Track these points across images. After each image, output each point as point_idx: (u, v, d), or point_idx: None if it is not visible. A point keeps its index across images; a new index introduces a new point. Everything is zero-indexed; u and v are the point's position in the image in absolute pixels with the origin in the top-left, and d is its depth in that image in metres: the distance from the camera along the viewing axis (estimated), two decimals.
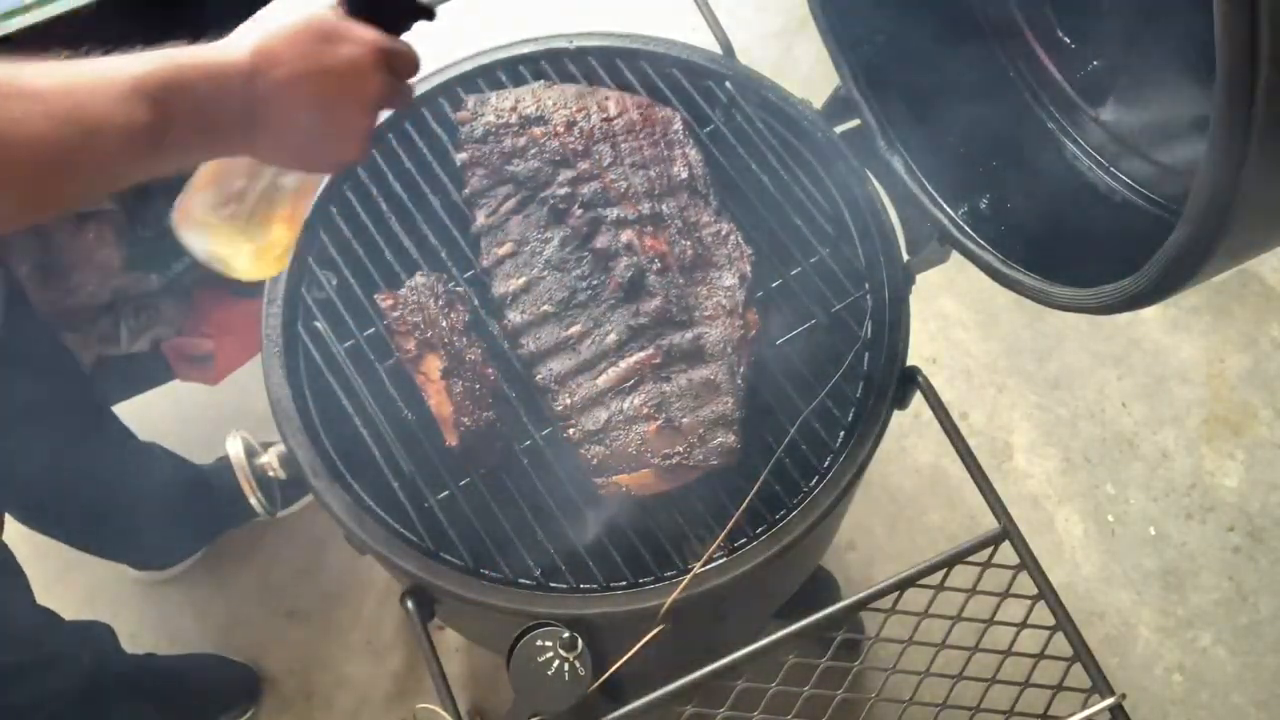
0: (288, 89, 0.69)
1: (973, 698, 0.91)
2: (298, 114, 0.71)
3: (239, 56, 0.68)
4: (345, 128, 0.74)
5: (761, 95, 1.16)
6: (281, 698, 1.75)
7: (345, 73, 0.72)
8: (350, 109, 0.73)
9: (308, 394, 1.01)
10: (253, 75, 0.68)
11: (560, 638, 0.87)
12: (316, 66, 0.70)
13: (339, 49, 0.71)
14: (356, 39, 0.72)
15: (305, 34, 0.70)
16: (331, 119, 0.73)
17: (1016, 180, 1.03)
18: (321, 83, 0.71)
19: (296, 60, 0.69)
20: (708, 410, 0.97)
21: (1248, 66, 0.54)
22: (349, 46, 0.72)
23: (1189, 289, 0.70)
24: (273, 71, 0.69)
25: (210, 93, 0.67)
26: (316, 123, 0.72)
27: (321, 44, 0.71)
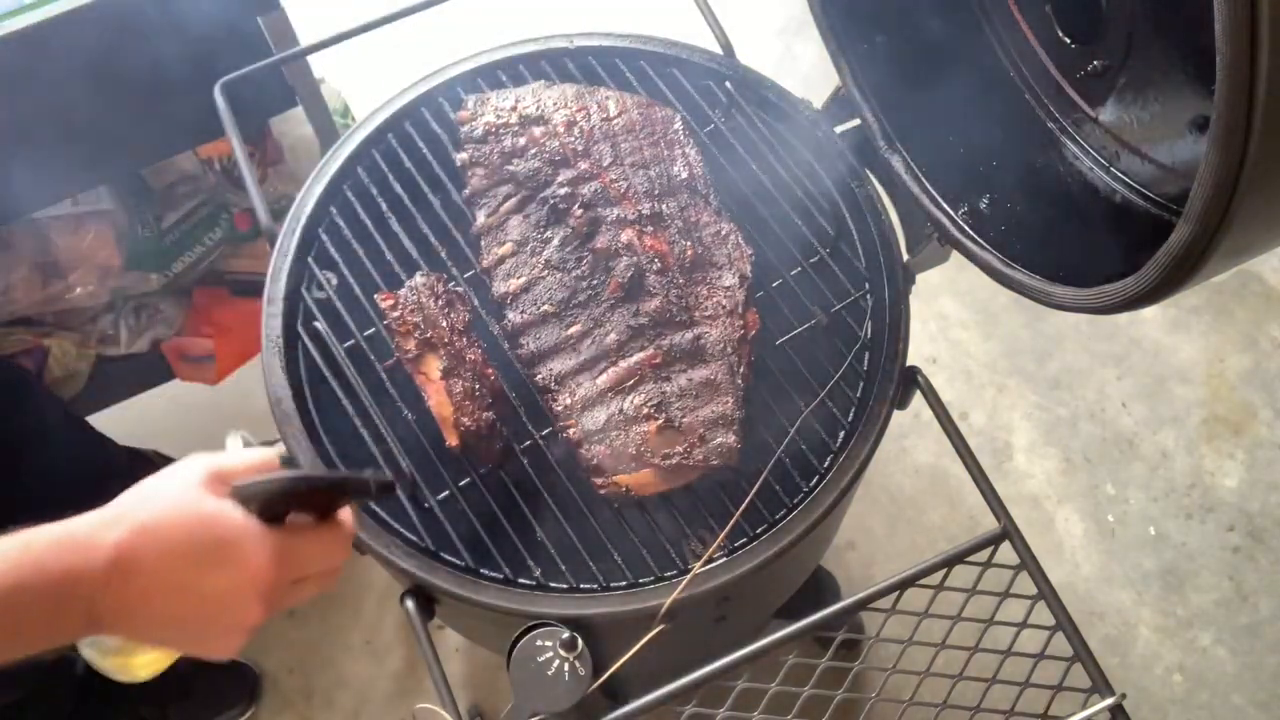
0: (144, 604, 0.60)
1: (973, 698, 0.91)
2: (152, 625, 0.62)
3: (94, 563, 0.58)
4: (209, 644, 0.65)
5: (761, 95, 1.16)
6: (281, 698, 1.75)
7: (216, 601, 0.61)
8: (216, 632, 0.64)
9: (308, 394, 1.01)
10: (105, 585, 0.58)
11: (560, 638, 0.87)
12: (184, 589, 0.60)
13: (215, 574, 0.61)
14: (242, 564, 0.61)
15: (180, 546, 0.60)
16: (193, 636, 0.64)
17: (1016, 180, 1.03)
18: (186, 606, 0.61)
19: (161, 575, 0.60)
20: (708, 410, 0.97)
21: (1248, 66, 0.54)
22: (228, 574, 0.61)
23: (1189, 289, 0.70)
24: (130, 583, 0.59)
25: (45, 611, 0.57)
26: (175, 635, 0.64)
27: (197, 565, 0.60)
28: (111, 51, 1.21)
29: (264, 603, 0.63)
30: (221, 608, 0.62)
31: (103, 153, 1.40)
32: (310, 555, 0.66)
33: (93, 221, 1.58)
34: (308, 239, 1.07)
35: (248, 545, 0.62)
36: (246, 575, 0.62)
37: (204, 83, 1.12)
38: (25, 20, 1.15)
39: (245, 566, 0.62)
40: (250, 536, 0.62)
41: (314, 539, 0.67)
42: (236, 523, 0.62)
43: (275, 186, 1.65)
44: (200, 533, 0.61)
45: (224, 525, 0.61)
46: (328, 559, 0.67)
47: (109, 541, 0.59)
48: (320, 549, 0.67)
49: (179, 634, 0.64)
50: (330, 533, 0.67)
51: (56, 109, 1.26)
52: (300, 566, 0.66)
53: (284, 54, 1.21)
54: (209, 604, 0.62)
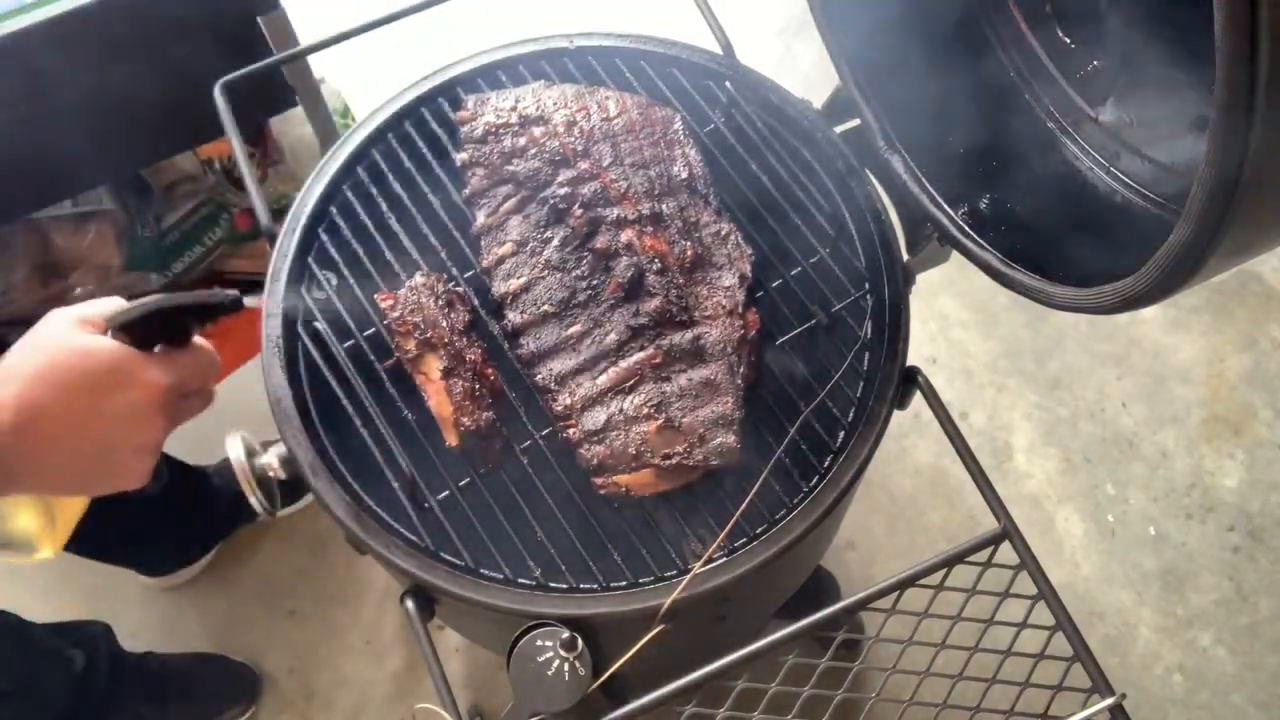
0: (54, 444, 0.63)
1: (973, 698, 0.91)
2: (64, 466, 0.64)
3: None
4: (119, 471, 0.68)
5: (761, 95, 1.16)
6: (281, 698, 1.75)
7: (119, 422, 0.65)
8: (125, 454, 0.67)
9: (308, 394, 1.01)
10: (13, 434, 0.61)
11: (560, 638, 0.87)
12: (86, 419, 0.64)
13: (112, 396, 0.65)
14: (133, 382, 0.66)
15: (74, 382, 0.63)
16: (103, 466, 0.66)
17: (1016, 180, 1.03)
18: (92, 435, 0.64)
19: (63, 413, 0.63)
20: (708, 410, 0.97)
21: (1248, 66, 0.54)
22: (124, 393, 0.65)
23: (1189, 289, 0.70)
24: (36, 427, 0.62)
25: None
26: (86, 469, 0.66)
27: (93, 393, 0.64)
28: (112, 51, 1.21)
29: (162, 415, 0.68)
30: (127, 428, 0.66)
31: (103, 153, 1.40)
32: (188, 369, 0.71)
33: (93, 221, 1.58)
34: (308, 239, 1.07)
35: (132, 364, 0.66)
36: (140, 392, 0.66)
37: (204, 83, 1.12)
38: (25, 20, 1.15)
39: (136, 384, 0.66)
40: (133, 358, 0.67)
41: (186, 356, 0.72)
42: (118, 349, 0.66)
43: (275, 186, 1.66)
44: (89, 364, 0.64)
45: (108, 354, 0.65)
46: (203, 374, 0.74)
47: (7, 396, 0.62)
48: (193, 362, 0.72)
49: (92, 468, 0.66)
50: (195, 350, 0.74)
51: (57, 109, 1.26)
52: (182, 380, 0.71)
53: (284, 54, 1.21)
54: (114, 428, 0.65)
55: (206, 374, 0.74)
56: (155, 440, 0.68)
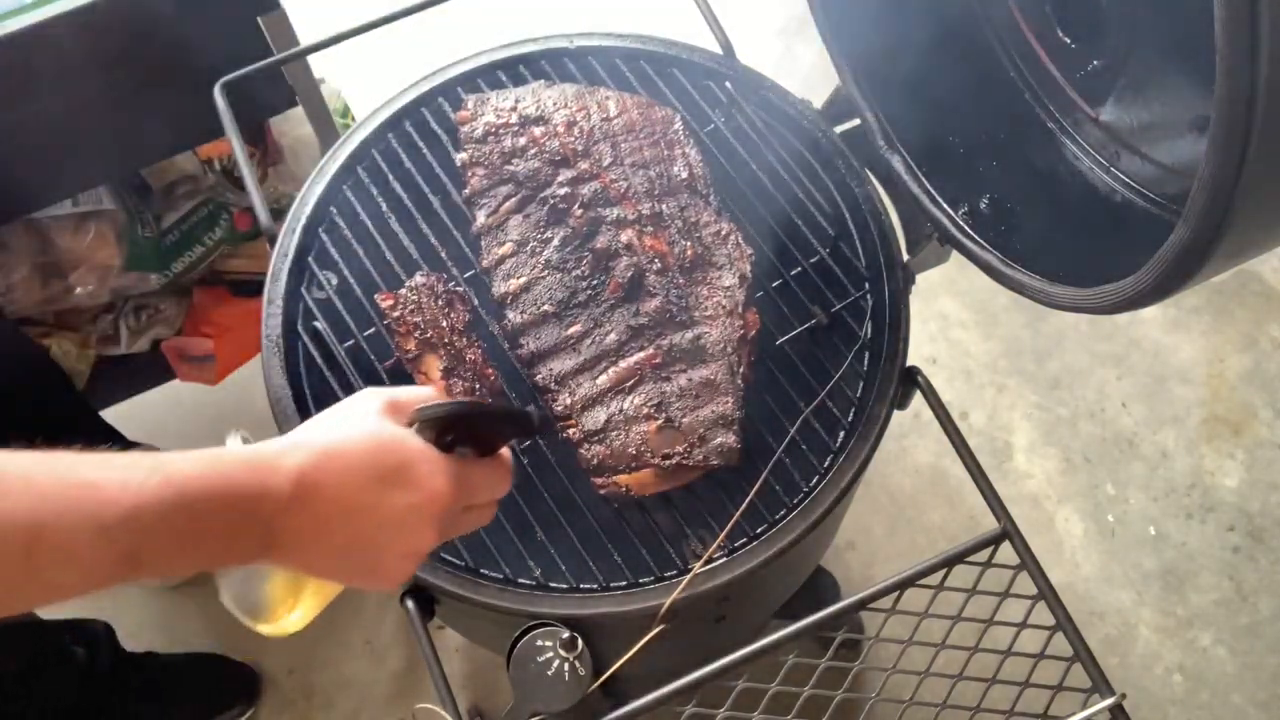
0: (323, 527, 0.60)
1: (973, 698, 0.91)
2: (326, 552, 0.62)
3: (278, 483, 0.58)
4: (380, 571, 0.65)
5: (761, 95, 1.16)
6: (281, 698, 1.75)
7: (394, 524, 0.62)
8: (390, 557, 0.64)
9: (308, 394, 1.01)
10: (287, 507, 0.58)
11: (560, 638, 0.87)
12: (363, 511, 0.61)
13: (394, 495, 0.61)
14: (421, 486, 0.62)
15: (362, 468, 0.60)
16: (365, 562, 0.64)
17: (1016, 180, 1.03)
18: (363, 529, 0.61)
19: (343, 500, 0.60)
20: (708, 410, 0.97)
21: (1248, 66, 0.54)
22: (408, 495, 0.62)
23: (1189, 289, 0.70)
24: (312, 504, 0.59)
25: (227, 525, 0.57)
26: (346, 563, 0.63)
27: (378, 486, 0.61)
28: (111, 51, 1.21)
29: (438, 526, 0.64)
30: (398, 530, 0.63)
31: (103, 153, 1.40)
32: (479, 481, 0.68)
33: (93, 221, 1.58)
34: (308, 239, 1.07)
35: (426, 467, 0.63)
36: (425, 496, 0.62)
37: (204, 83, 1.12)
38: (25, 20, 1.15)
39: (424, 487, 0.62)
40: (428, 459, 0.63)
41: (482, 466, 0.68)
42: (416, 446, 0.63)
43: (275, 186, 1.65)
44: (381, 456, 0.61)
45: (404, 448, 0.62)
46: (493, 488, 0.69)
47: (293, 464, 0.59)
48: (487, 476, 0.69)
49: (353, 559, 0.64)
50: (494, 463, 0.70)
51: (56, 109, 1.26)
52: (471, 492, 0.67)
53: (284, 54, 1.21)
54: (386, 526, 0.62)
55: (497, 489, 0.70)
56: (423, 549, 0.65)
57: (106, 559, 0.52)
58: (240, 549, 0.59)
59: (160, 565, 0.55)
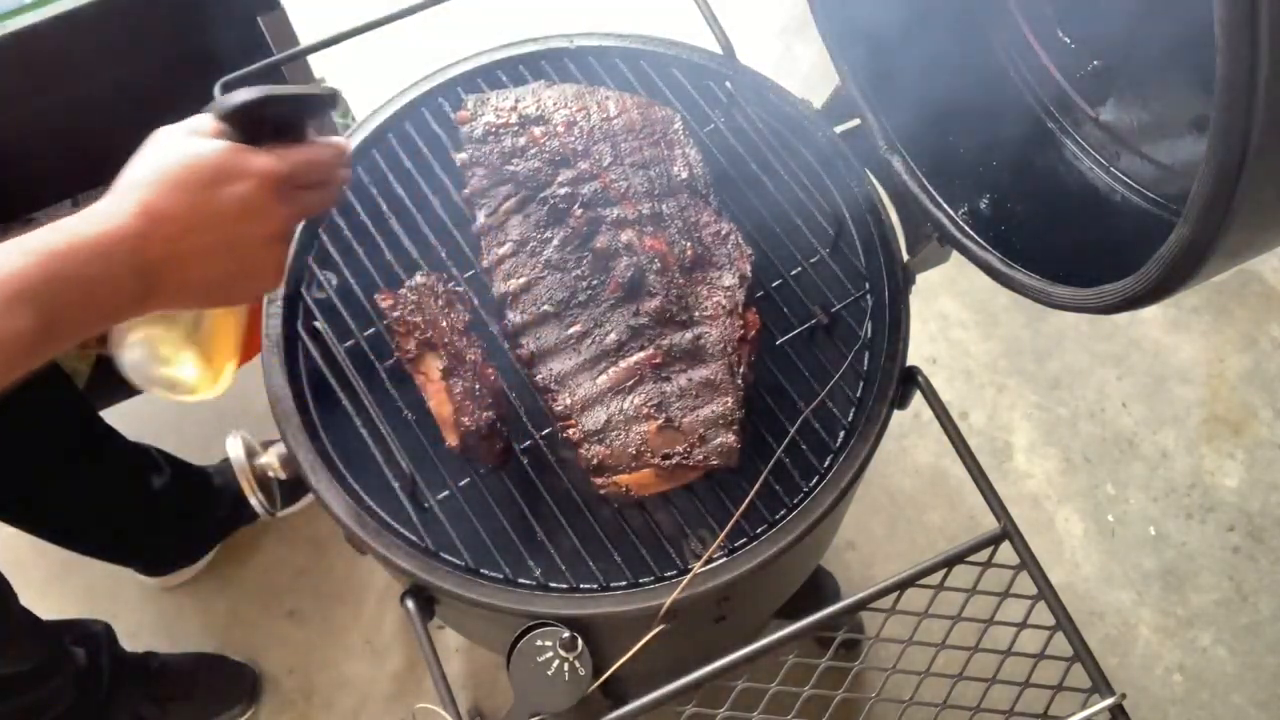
0: (182, 245, 0.65)
1: (973, 698, 0.91)
2: (197, 267, 0.66)
3: (123, 223, 0.63)
4: (253, 266, 0.69)
5: (761, 95, 1.16)
6: (281, 698, 1.75)
7: (241, 214, 0.67)
8: (253, 248, 0.68)
9: (308, 394, 1.01)
10: (141, 239, 0.63)
11: (560, 638, 0.87)
12: (208, 215, 0.65)
13: (228, 189, 0.66)
14: (245, 172, 0.67)
15: (189, 181, 0.65)
16: (236, 262, 0.68)
17: (1016, 180, 1.03)
18: (216, 232, 0.66)
19: (185, 213, 0.65)
20: (708, 410, 0.97)
21: (1248, 66, 0.54)
22: (239, 184, 0.66)
23: (1189, 289, 0.70)
24: (162, 230, 0.64)
25: (99, 273, 0.62)
26: (220, 270, 0.68)
27: (208, 189, 0.65)
28: (111, 51, 1.21)
29: (280, 201, 0.68)
30: (248, 219, 0.67)
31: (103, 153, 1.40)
32: (303, 157, 0.70)
33: None
34: (308, 239, 1.07)
35: (241, 157, 0.67)
36: (254, 179, 0.66)
37: (204, 83, 1.12)
38: (25, 20, 1.15)
39: (246, 174, 0.66)
40: (241, 151, 0.67)
41: (300, 147, 0.71)
42: (224, 145, 0.67)
43: None
44: (199, 164, 0.65)
45: (215, 150, 0.66)
46: (321, 164, 0.72)
47: (130, 203, 0.63)
48: (309, 154, 0.71)
49: (223, 265, 0.67)
50: (312, 144, 0.72)
51: (56, 109, 1.26)
52: (296, 170, 0.70)
53: (284, 54, 1.21)
54: (236, 221, 0.66)
55: (328, 166, 0.73)
56: (279, 229, 0.69)
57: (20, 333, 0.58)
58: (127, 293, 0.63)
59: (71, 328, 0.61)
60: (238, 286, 0.70)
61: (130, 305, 0.65)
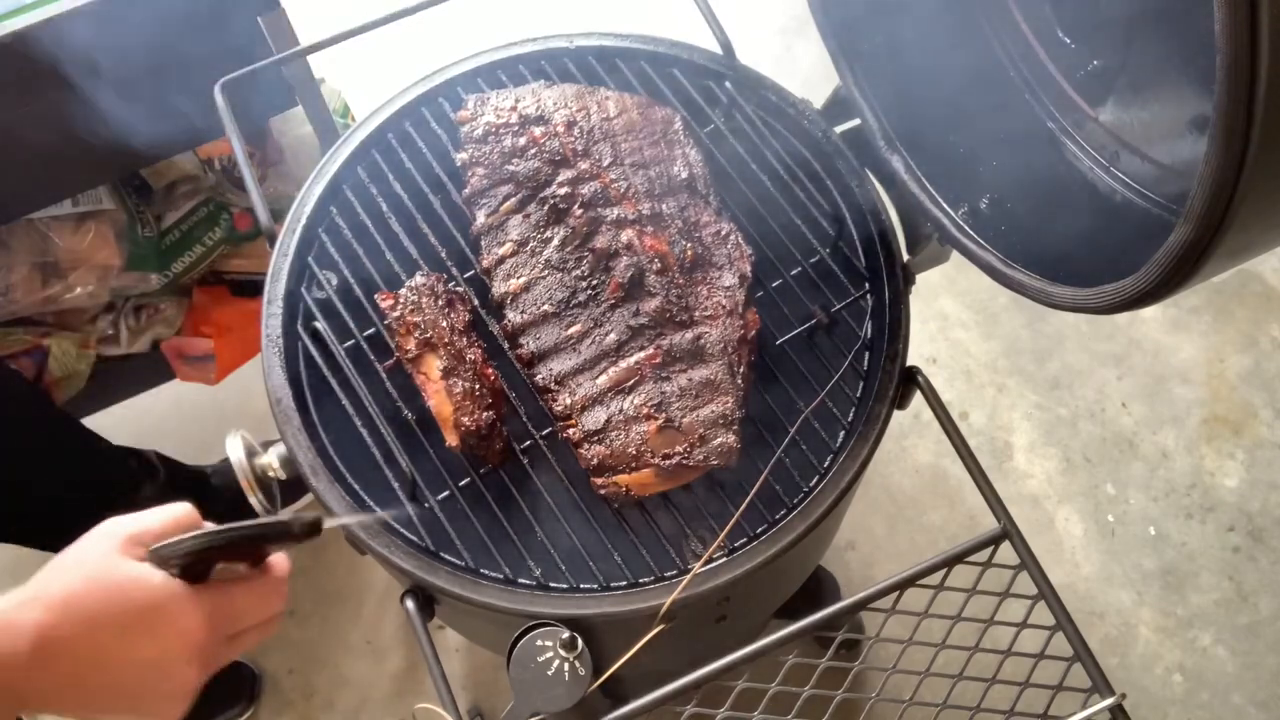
0: (73, 682, 0.58)
1: (973, 698, 0.91)
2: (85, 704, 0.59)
3: (14, 646, 0.56)
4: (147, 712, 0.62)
5: (761, 95, 1.16)
6: (281, 697, 1.75)
7: (149, 669, 0.59)
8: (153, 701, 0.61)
9: (308, 394, 1.01)
10: (29, 669, 0.56)
11: (560, 638, 0.87)
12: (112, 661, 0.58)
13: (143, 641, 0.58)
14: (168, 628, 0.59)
15: (102, 618, 0.57)
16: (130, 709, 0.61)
17: (1017, 180, 1.03)
18: (117, 678, 0.59)
19: (87, 651, 0.57)
20: (708, 410, 0.97)
21: (1248, 66, 0.54)
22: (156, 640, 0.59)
23: (1189, 289, 0.70)
24: (57, 662, 0.57)
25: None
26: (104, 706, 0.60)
27: (120, 633, 0.58)
28: (111, 51, 1.21)
29: (198, 665, 0.61)
30: (155, 677, 0.60)
31: (103, 153, 1.40)
32: (242, 608, 0.64)
33: (93, 221, 1.58)
34: (308, 239, 1.07)
35: (172, 608, 0.59)
36: (175, 640, 0.59)
37: (204, 83, 1.12)
38: (25, 20, 1.15)
39: (172, 631, 0.59)
40: (174, 599, 0.60)
41: (244, 591, 0.64)
42: (157, 586, 0.59)
43: (275, 186, 1.65)
44: (120, 601, 0.58)
45: (144, 590, 0.59)
46: (262, 609, 0.65)
47: (28, 623, 0.57)
48: (252, 600, 0.64)
49: (115, 709, 0.61)
50: (261, 582, 0.65)
51: (56, 108, 1.26)
52: (232, 621, 0.63)
53: (284, 54, 1.21)
54: (142, 675, 0.59)
55: (269, 605, 0.66)
56: (186, 689, 0.62)
57: None
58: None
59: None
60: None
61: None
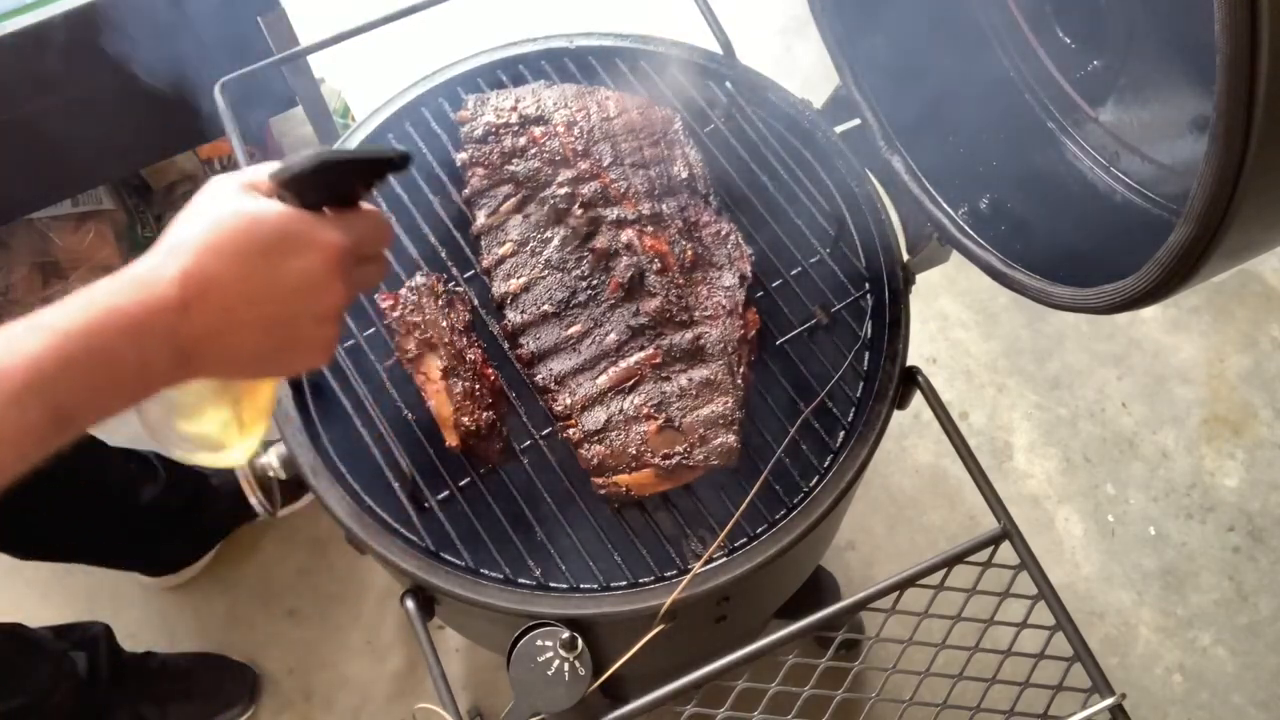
0: (229, 317, 0.58)
1: (973, 698, 0.91)
2: (242, 341, 0.60)
3: (164, 292, 0.56)
4: (303, 343, 0.63)
5: (761, 95, 1.16)
6: (281, 698, 1.75)
7: (298, 290, 0.60)
8: (306, 325, 0.62)
9: (308, 394, 1.01)
10: (183, 311, 0.56)
11: (560, 638, 0.87)
12: (263, 286, 0.59)
13: (287, 262, 0.59)
14: (309, 244, 0.60)
15: (246, 247, 0.58)
16: (285, 339, 0.62)
17: (1016, 180, 1.03)
18: (270, 306, 0.59)
19: (237, 282, 0.58)
20: (708, 410, 0.97)
21: (1248, 66, 0.54)
22: (300, 258, 0.60)
23: (1189, 289, 0.70)
24: (208, 300, 0.57)
25: (128, 352, 0.55)
26: (267, 345, 0.61)
27: (266, 258, 0.59)
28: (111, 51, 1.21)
29: (341, 278, 0.62)
30: (305, 295, 0.61)
31: (103, 153, 1.40)
32: (362, 229, 0.64)
33: (93, 221, 1.58)
34: None
35: (306, 226, 0.60)
36: (317, 254, 0.60)
37: (204, 82, 1.12)
38: (25, 20, 1.15)
39: (312, 245, 0.60)
40: (305, 219, 0.61)
41: (359, 216, 0.65)
42: (288, 211, 0.61)
43: None
44: (258, 229, 0.59)
45: (278, 216, 0.60)
46: (378, 236, 0.66)
47: (174, 268, 0.57)
48: (365, 224, 0.65)
49: (271, 341, 0.61)
50: (365, 213, 0.66)
51: (57, 109, 1.26)
52: (359, 241, 0.64)
53: (284, 54, 1.21)
54: (293, 296, 0.60)
55: (380, 237, 0.66)
56: (336, 306, 0.63)
57: (31, 426, 0.52)
58: (159, 370, 0.57)
59: (89, 413, 0.55)
60: (283, 362, 0.64)
61: (161, 382, 0.58)
